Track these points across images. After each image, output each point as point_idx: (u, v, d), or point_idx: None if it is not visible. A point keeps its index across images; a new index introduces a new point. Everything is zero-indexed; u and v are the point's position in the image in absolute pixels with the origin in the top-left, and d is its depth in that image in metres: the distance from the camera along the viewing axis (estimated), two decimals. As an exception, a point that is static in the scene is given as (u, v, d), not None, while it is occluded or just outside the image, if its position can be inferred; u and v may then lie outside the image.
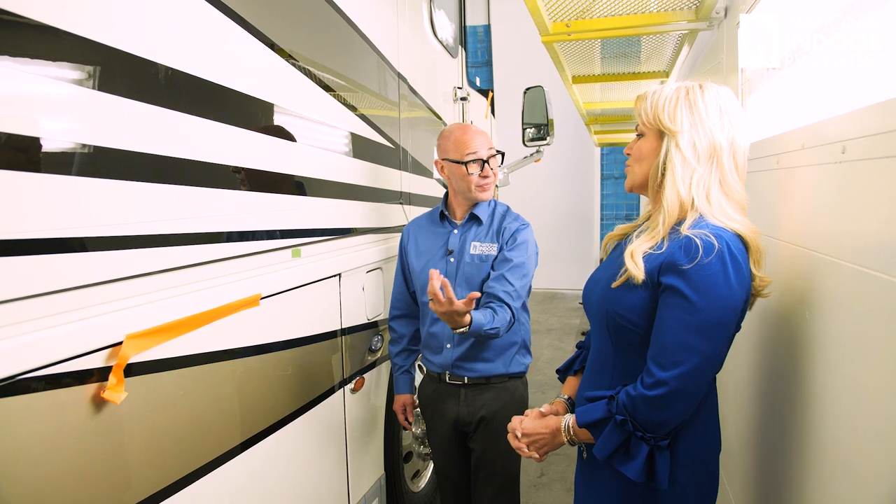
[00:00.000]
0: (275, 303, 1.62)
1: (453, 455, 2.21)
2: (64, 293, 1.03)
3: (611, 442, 1.22)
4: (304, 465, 1.83)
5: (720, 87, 1.27)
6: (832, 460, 1.10)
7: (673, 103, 1.25)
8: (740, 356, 1.73)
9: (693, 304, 1.14)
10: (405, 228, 2.24)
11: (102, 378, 1.08)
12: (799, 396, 1.27)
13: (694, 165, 1.22)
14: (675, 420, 1.19)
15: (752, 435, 1.65)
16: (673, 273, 1.17)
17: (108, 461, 1.12)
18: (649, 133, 1.30)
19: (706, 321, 1.14)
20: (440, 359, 2.09)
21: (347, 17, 2.04)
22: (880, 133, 0.91)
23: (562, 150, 7.65)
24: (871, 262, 0.94)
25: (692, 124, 1.23)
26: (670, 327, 1.17)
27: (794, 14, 1.52)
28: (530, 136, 3.82)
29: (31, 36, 0.97)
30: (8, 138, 0.94)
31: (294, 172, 1.74)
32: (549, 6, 2.24)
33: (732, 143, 1.24)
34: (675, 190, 1.23)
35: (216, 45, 1.40)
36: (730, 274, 1.14)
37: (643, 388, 1.18)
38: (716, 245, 1.13)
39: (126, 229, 1.15)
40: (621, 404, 1.21)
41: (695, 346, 1.15)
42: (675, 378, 1.15)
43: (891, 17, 1.17)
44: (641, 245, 1.24)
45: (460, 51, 3.58)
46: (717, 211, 1.21)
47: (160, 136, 1.23)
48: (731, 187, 1.24)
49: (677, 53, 3.00)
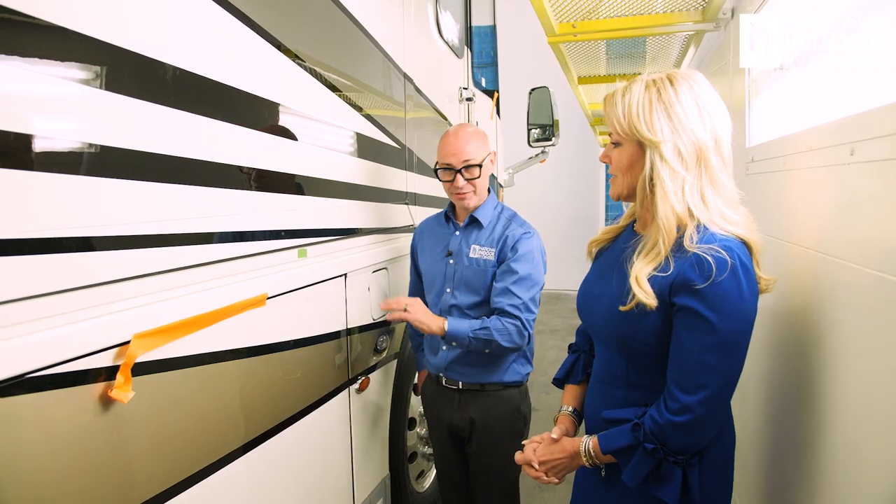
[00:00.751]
0: (281, 303, 1.62)
1: (451, 458, 2.21)
2: (72, 292, 1.03)
3: (642, 470, 1.18)
4: (310, 464, 1.83)
5: (691, 76, 1.20)
6: (841, 459, 1.10)
7: (647, 109, 1.17)
8: (750, 357, 1.73)
9: (712, 324, 1.10)
10: (416, 229, 2.27)
11: (110, 377, 1.08)
12: (808, 397, 1.26)
13: (683, 174, 1.16)
14: (705, 441, 1.17)
15: (762, 435, 1.64)
16: (687, 293, 1.12)
17: (116, 460, 1.12)
18: (626, 142, 1.23)
19: (726, 340, 1.11)
20: (437, 359, 2.10)
21: (354, 17, 2.05)
22: (890, 135, 0.91)
23: (567, 151, 7.65)
24: (879, 264, 0.93)
25: (673, 130, 1.16)
26: (690, 350, 1.13)
27: (801, 15, 1.51)
28: (535, 137, 3.83)
29: (39, 36, 0.97)
30: (16, 138, 0.94)
31: (300, 172, 1.74)
32: (556, 7, 2.24)
33: (716, 138, 1.18)
34: (669, 205, 1.15)
35: (224, 45, 1.41)
36: (743, 288, 1.10)
37: (669, 413, 1.14)
38: (728, 261, 1.09)
39: (133, 229, 1.15)
40: (649, 432, 1.16)
41: (716, 366, 1.11)
42: (700, 403, 1.12)
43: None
44: (644, 268, 1.17)
45: (466, 51, 3.58)
46: (716, 215, 1.16)
47: (167, 135, 1.23)
48: (723, 185, 1.18)
49: (683, 54, 2.99)
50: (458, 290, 2.03)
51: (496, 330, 1.88)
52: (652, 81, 1.19)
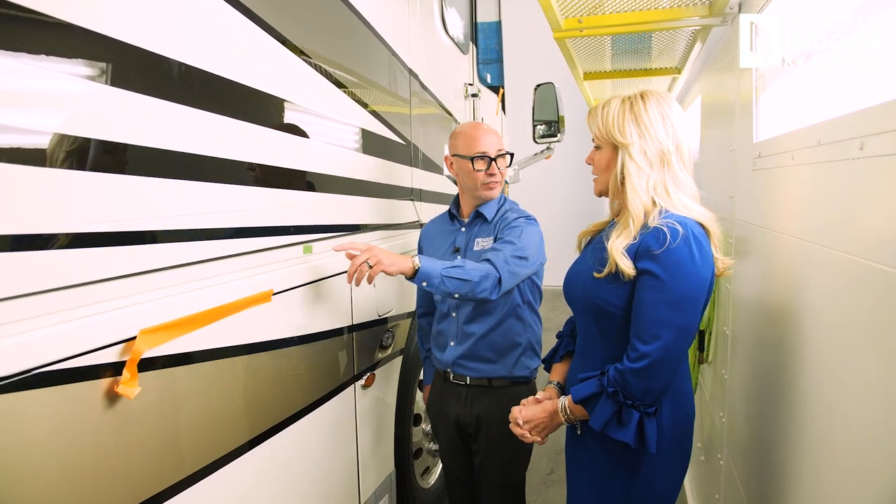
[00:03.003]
0: (287, 299, 1.63)
1: (457, 454, 2.21)
2: (78, 288, 1.04)
3: (604, 413, 1.36)
4: (315, 460, 1.84)
5: (660, 95, 1.44)
6: (829, 449, 1.09)
7: (620, 118, 1.43)
8: (764, 354, 1.72)
9: (665, 283, 1.31)
10: (422, 230, 2.28)
11: (116, 373, 1.09)
12: (804, 389, 1.26)
13: (648, 171, 1.41)
14: (659, 387, 1.34)
15: (756, 424, 1.64)
16: (646, 258, 1.33)
17: (122, 455, 1.13)
18: (605, 146, 1.48)
19: (678, 297, 1.31)
20: (444, 356, 2.10)
21: (360, 13, 2.04)
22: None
23: (572, 147, 7.62)
24: (888, 257, 0.93)
25: (640, 135, 1.41)
26: (647, 306, 1.33)
27: (809, 10, 1.50)
28: (541, 133, 3.82)
29: (46, 32, 0.97)
30: (25, 134, 0.94)
31: (306, 169, 1.74)
32: (561, 2, 2.23)
33: (678, 145, 1.42)
34: (637, 196, 1.40)
35: (231, 42, 1.41)
36: (695, 254, 1.32)
37: (629, 361, 1.34)
38: (680, 230, 1.31)
39: (139, 225, 1.16)
40: (611, 378, 1.36)
41: (670, 319, 1.31)
42: (656, 350, 1.31)
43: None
44: (620, 243, 1.38)
45: (471, 47, 3.58)
46: (678, 203, 1.39)
47: (173, 132, 1.23)
48: (684, 184, 1.43)
49: (689, 49, 2.97)
50: None
51: (472, 268, 1.79)
52: (627, 98, 1.45)
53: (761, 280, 1.73)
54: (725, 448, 2.14)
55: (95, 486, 1.07)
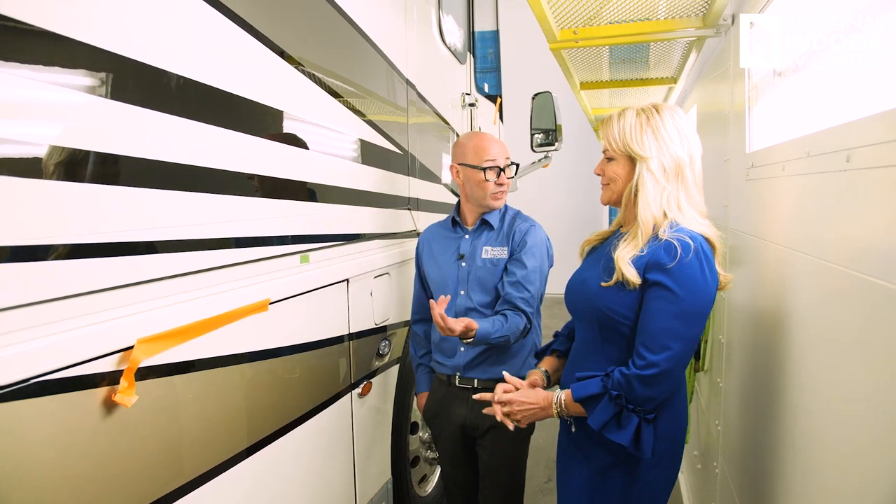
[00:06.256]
0: (283, 308, 1.63)
1: (460, 459, 2.21)
2: (76, 298, 1.05)
3: (605, 414, 1.39)
4: (312, 468, 1.84)
5: (673, 108, 1.47)
6: (819, 456, 1.10)
7: (638, 131, 1.44)
8: (756, 359, 1.73)
9: (677, 296, 1.33)
10: (420, 237, 2.29)
11: (114, 381, 1.10)
12: (815, 398, 1.27)
13: (664, 184, 1.43)
14: (663, 395, 1.38)
15: (750, 431, 1.65)
16: (658, 271, 1.35)
17: (119, 463, 1.14)
18: (619, 157, 1.48)
19: (688, 310, 1.34)
20: (453, 361, 2.11)
21: (356, 24, 2.06)
22: (885, 142, 0.92)
23: (570, 156, 7.64)
24: (873, 269, 0.94)
25: (658, 149, 1.43)
26: (658, 316, 1.36)
27: (799, 21, 1.52)
28: (538, 142, 3.83)
29: (43, 44, 0.99)
30: (22, 146, 0.96)
31: (303, 178, 1.76)
32: (557, 13, 2.25)
33: (691, 157, 1.45)
34: (649, 208, 1.42)
35: (227, 53, 1.42)
36: (705, 270, 1.35)
37: (636, 368, 1.36)
38: (692, 245, 1.34)
39: (136, 235, 1.17)
40: (616, 381, 1.38)
41: (679, 331, 1.34)
42: (665, 360, 1.33)
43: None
44: (627, 253, 1.41)
45: (469, 57, 3.60)
46: (689, 218, 1.42)
47: (171, 143, 1.25)
48: (695, 199, 1.45)
49: (685, 60, 2.99)
50: (473, 291, 2.08)
51: (511, 333, 1.97)
52: (641, 110, 1.46)
53: (754, 289, 1.75)
54: (721, 456, 2.14)
55: (93, 494, 1.08)
